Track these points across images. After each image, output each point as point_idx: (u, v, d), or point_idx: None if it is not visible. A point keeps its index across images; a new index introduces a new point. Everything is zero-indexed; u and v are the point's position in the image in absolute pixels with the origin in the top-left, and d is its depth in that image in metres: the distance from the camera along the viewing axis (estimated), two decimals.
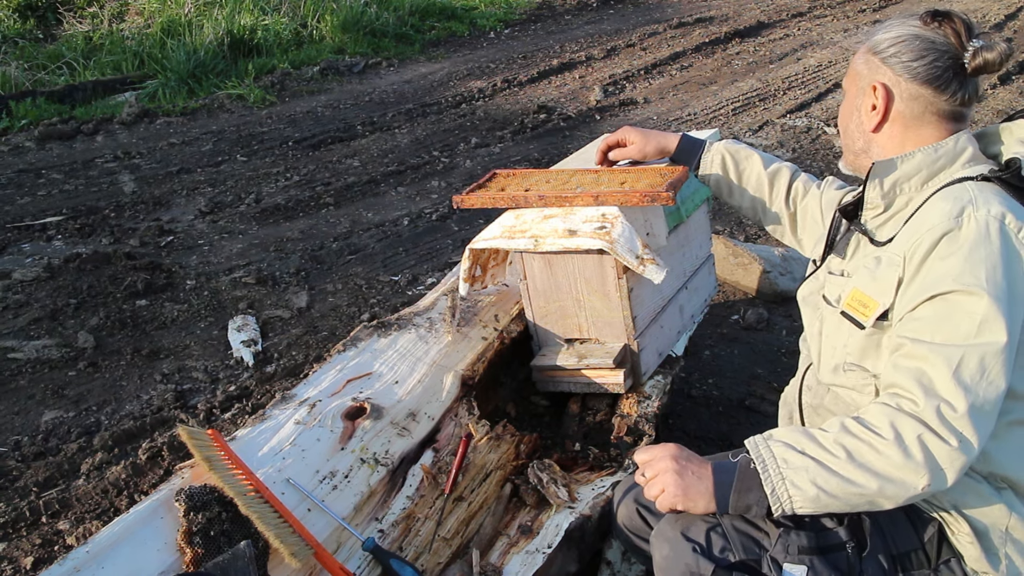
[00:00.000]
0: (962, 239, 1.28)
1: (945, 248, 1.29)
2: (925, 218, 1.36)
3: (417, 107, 6.42)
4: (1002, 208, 1.31)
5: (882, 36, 1.47)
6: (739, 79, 6.82)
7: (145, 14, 8.10)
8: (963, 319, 1.24)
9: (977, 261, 1.26)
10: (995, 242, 1.27)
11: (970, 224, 1.29)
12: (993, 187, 1.36)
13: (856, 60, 1.54)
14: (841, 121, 1.60)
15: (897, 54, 1.44)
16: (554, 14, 9.61)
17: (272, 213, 4.60)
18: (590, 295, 2.27)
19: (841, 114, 1.60)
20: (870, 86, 1.48)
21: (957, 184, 1.38)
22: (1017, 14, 8.34)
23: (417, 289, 3.71)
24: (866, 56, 1.50)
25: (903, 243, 1.37)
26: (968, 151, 1.43)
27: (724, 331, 3.24)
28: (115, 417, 2.90)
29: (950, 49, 1.41)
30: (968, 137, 1.46)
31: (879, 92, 1.46)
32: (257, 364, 3.18)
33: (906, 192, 1.44)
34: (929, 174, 1.42)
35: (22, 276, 3.82)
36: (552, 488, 1.93)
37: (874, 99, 1.47)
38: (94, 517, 2.36)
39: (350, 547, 1.75)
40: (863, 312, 1.41)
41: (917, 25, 1.45)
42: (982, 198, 1.32)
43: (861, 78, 1.51)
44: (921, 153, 1.43)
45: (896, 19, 1.49)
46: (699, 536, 1.44)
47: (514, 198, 2.35)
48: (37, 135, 5.79)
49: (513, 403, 2.42)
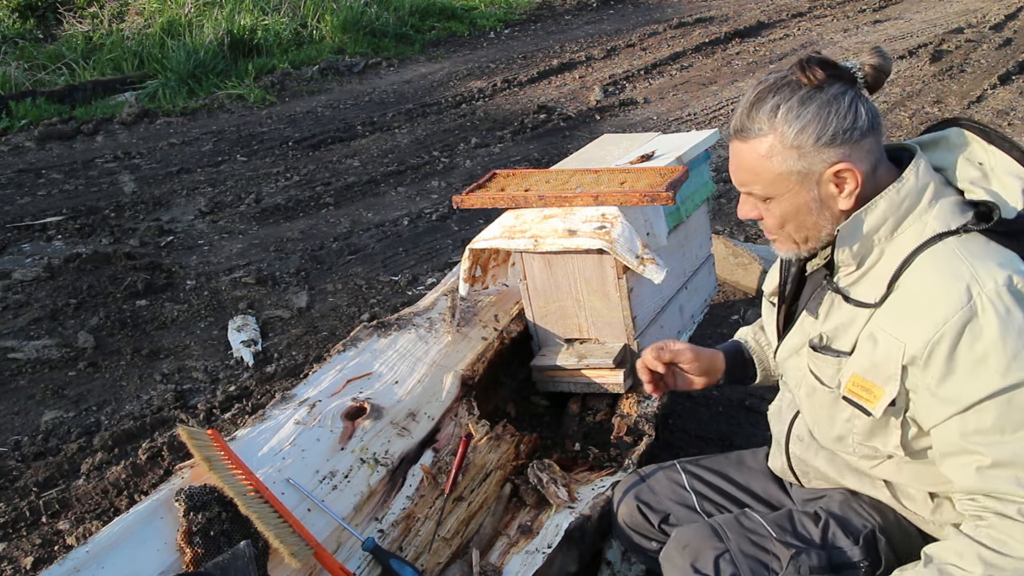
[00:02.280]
0: (986, 330, 1.20)
1: (973, 345, 1.21)
2: (926, 301, 1.25)
3: (417, 107, 6.42)
4: (1002, 270, 1.22)
5: (790, 128, 1.29)
6: (739, 79, 6.82)
7: (145, 14, 8.10)
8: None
9: (1014, 347, 1.19)
10: (1018, 316, 1.20)
11: (986, 308, 1.20)
12: (979, 240, 1.27)
13: (768, 161, 1.32)
14: (784, 222, 1.38)
15: (836, 129, 1.29)
16: (554, 14, 9.61)
17: (272, 213, 4.60)
18: (590, 295, 2.27)
19: (783, 216, 1.37)
20: (827, 175, 1.31)
21: (941, 245, 1.27)
22: (1017, 14, 8.34)
23: (417, 289, 3.71)
24: (786, 152, 1.30)
25: (903, 326, 1.27)
26: (931, 185, 1.32)
27: (724, 331, 3.24)
28: (115, 417, 2.90)
29: (854, 87, 1.31)
30: (925, 164, 1.34)
31: (846, 174, 1.31)
32: (257, 364, 3.18)
33: (878, 244, 1.34)
34: (897, 220, 1.32)
35: (22, 276, 3.82)
36: (552, 488, 1.93)
37: (836, 183, 1.32)
38: (94, 517, 2.36)
39: (350, 547, 1.75)
40: (868, 399, 1.33)
41: (811, 91, 1.30)
42: (980, 267, 1.23)
43: (801, 175, 1.32)
44: (884, 200, 1.31)
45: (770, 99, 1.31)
46: (708, 567, 1.43)
47: (514, 198, 2.35)
48: (37, 135, 5.79)
49: (513, 403, 2.42)
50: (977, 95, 5.93)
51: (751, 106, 1.34)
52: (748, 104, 1.34)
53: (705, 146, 2.70)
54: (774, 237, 1.44)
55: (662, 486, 1.75)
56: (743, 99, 1.37)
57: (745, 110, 1.35)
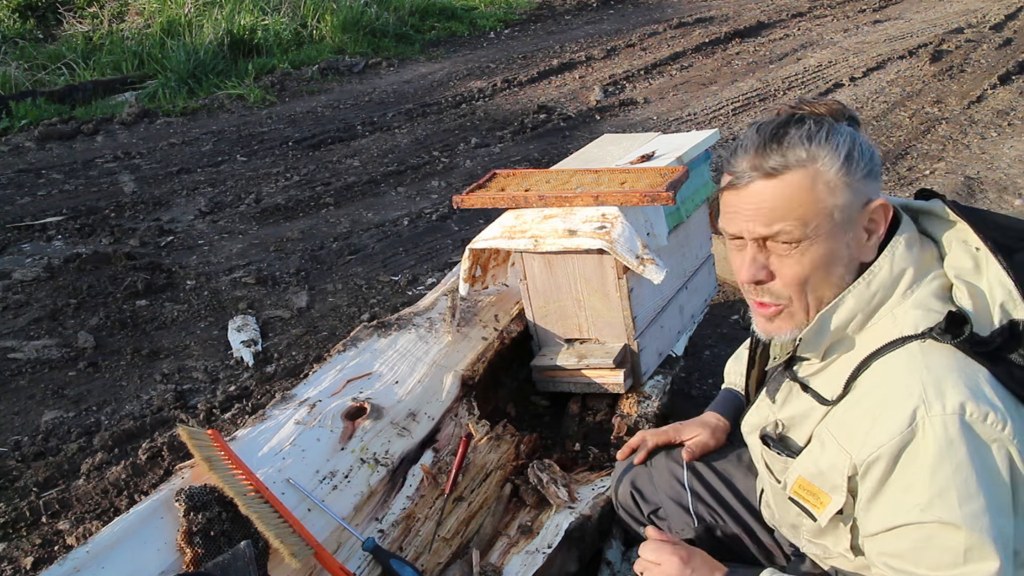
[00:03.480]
0: (921, 457, 1.10)
1: (904, 471, 1.12)
2: (873, 414, 1.15)
3: (417, 107, 6.42)
4: (958, 394, 1.09)
5: (837, 154, 1.16)
6: (739, 79, 6.81)
7: (145, 14, 8.10)
8: (945, 552, 1.11)
9: (944, 484, 1.08)
10: (959, 450, 1.08)
11: (927, 435, 1.09)
12: (944, 350, 1.14)
13: (808, 196, 1.17)
14: (809, 274, 1.21)
15: (870, 161, 1.18)
16: (554, 14, 9.62)
17: (272, 213, 4.60)
18: (590, 295, 2.27)
19: (814, 265, 1.20)
20: (865, 214, 1.19)
21: (903, 351, 1.16)
22: (1017, 14, 8.34)
23: (417, 289, 3.71)
24: (831, 185, 1.17)
25: (849, 435, 1.18)
26: (908, 273, 1.20)
27: (724, 331, 3.24)
28: (115, 417, 2.90)
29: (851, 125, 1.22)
30: (905, 245, 1.20)
31: (879, 213, 1.19)
32: (257, 364, 3.18)
33: (845, 341, 1.23)
34: (867, 315, 1.21)
35: (22, 276, 3.82)
36: (552, 488, 1.93)
37: (868, 225, 1.20)
38: (94, 517, 2.36)
39: (350, 547, 1.75)
40: (815, 505, 1.25)
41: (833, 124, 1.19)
42: (934, 386, 1.10)
43: (842, 211, 1.18)
44: (852, 297, 1.20)
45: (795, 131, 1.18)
46: None
47: (514, 198, 2.35)
48: (37, 135, 5.79)
49: (513, 403, 2.42)
50: (977, 95, 5.93)
51: (772, 139, 1.18)
52: (768, 137, 1.18)
53: (705, 146, 2.70)
54: (781, 305, 1.25)
55: (661, 477, 1.73)
56: (744, 142, 1.21)
57: (767, 144, 1.18)
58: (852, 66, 6.87)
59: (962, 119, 5.53)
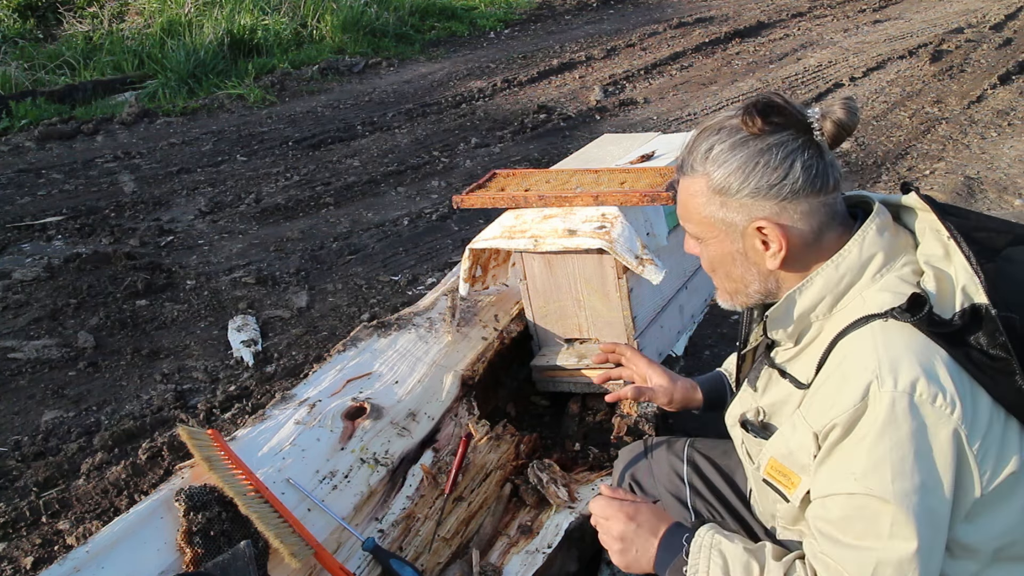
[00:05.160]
0: (864, 430, 1.13)
1: (850, 440, 1.15)
2: (834, 390, 1.18)
3: (417, 107, 6.42)
4: (911, 373, 1.12)
5: (717, 171, 1.23)
6: (739, 79, 6.82)
7: (145, 14, 8.10)
8: (870, 523, 1.14)
9: (881, 457, 1.11)
10: (903, 427, 1.10)
11: (874, 408, 1.12)
12: (904, 330, 1.16)
13: (696, 202, 1.27)
14: (713, 267, 1.34)
15: (761, 182, 1.21)
16: (554, 14, 9.62)
17: (272, 213, 4.60)
18: (590, 295, 2.27)
19: (711, 262, 1.33)
20: (750, 229, 1.24)
21: (866, 330, 1.18)
22: (1017, 14, 8.34)
23: (417, 289, 3.71)
24: (711, 197, 1.25)
25: (815, 413, 1.21)
26: (877, 257, 1.23)
27: (724, 331, 3.24)
28: (115, 417, 2.90)
29: (800, 139, 1.22)
30: (876, 230, 1.24)
31: (769, 231, 1.22)
32: (257, 364, 3.18)
33: (816, 320, 1.27)
34: (835, 297, 1.24)
35: (22, 276, 3.82)
36: (552, 488, 1.93)
37: (761, 239, 1.24)
38: (94, 517, 2.36)
39: (350, 547, 1.75)
40: (786, 485, 1.28)
41: (747, 138, 1.22)
42: (889, 363, 1.13)
43: (725, 224, 1.26)
44: (820, 278, 1.24)
45: (708, 139, 1.25)
46: None
47: (514, 198, 2.35)
48: (37, 135, 5.79)
49: (513, 403, 2.42)
50: (977, 95, 5.93)
51: (692, 142, 1.28)
52: (692, 139, 1.29)
53: None
54: (714, 282, 1.39)
55: (661, 470, 1.73)
56: (692, 132, 1.32)
57: (688, 145, 1.29)
58: (852, 66, 6.87)
59: (962, 119, 5.53)
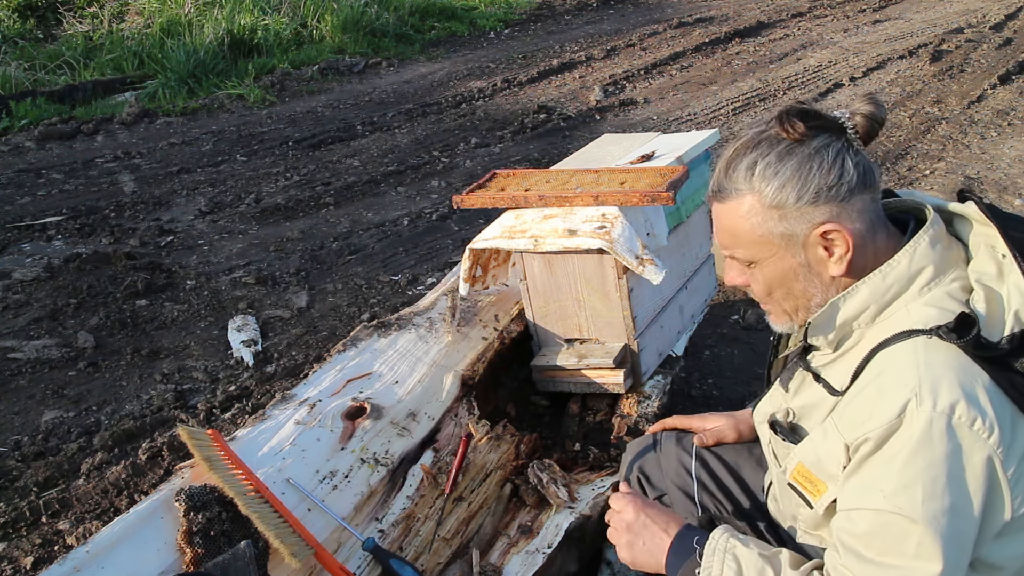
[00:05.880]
0: (899, 447, 1.11)
1: (882, 456, 1.13)
2: (870, 404, 1.16)
3: (417, 107, 6.42)
4: (952, 394, 1.09)
5: (768, 186, 1.21)
6: (739, 79, 6.81)
7: (145, 14, 8.10)
8: (896, 542, 1.12)
9: (913, 477, 1.09)
10: (938, 448, 1.08)
11: (911, 427, 1.10)
12: (949, 350, 1.13)
13: (749, 223, 1.24)
14: (771, 289, 1.30)
15: (820, 186, 1.19)
16: (554, 14, 9.62)
17: (272, 213, 4.60)
18: (590, 295, 2.27)
19: (769, 283, 1.29)
20: (812, 237, 1.21)
21: (909, 344, 1.16)
22: (1017, 14, 8.34)
23: (417, 289, 3.71)
24: (767, 213, 1.22)
25: (848, 424, 1.19)
26: (927, 270, 1.20)
27: (724, 331, 3.24)
28: (115, 417, 2.90)
29: (841, 139, 1.21)
30: (928, 242, 1.21)
31: (835, 234, 1.20)
32: (257, 364, 3.18)
33: (858, 328, 1.24)
34: (880, 307, 1.21)
35: (22, 276, 3.82)
36: (552, 488, 1.93)
37: (824, 245, 1.22)
38: (94, 517, 2.36)
39: (350, 547, 1.75)
40: (812, 492, 1.27)
41: (791, 146, 1.21)
42: (930, 382, 1.10)
43: (784, 238, 1.23)
44: (866, 287, 1.21)
45: (748, 156, 1.23)
46: None
47: (514, 198, 2.35)
48: (37, 135, 5.79)
49: (513, 403, 2.42)
50: (977, 95, 5.93)
51: (728, 164, 1.25)
52: (725, 162, 1.26)
53: (705, 146, 2.70)
54: (766, 307, 1.35)
55: (669, 464, 1.73)
56: (721, 157, 1.27)
57: (722, 169, 1.26)
58: (852, 66, 6.87)
59: (962, 119, 5.53)
